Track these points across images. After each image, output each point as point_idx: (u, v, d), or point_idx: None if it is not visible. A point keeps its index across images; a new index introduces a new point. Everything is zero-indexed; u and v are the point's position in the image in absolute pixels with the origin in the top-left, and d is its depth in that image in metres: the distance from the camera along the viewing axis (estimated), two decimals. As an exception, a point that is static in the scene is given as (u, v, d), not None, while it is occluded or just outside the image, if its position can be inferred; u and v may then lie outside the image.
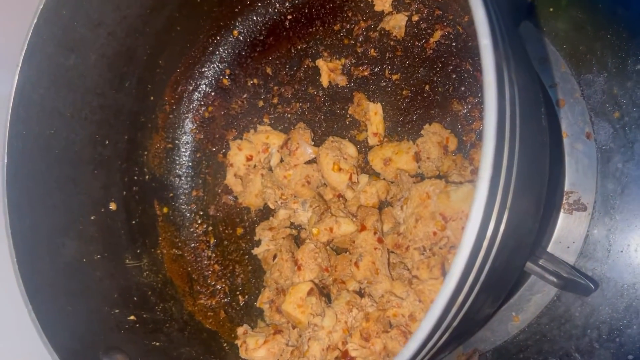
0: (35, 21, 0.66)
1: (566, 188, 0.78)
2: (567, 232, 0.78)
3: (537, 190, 0.54)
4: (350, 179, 0.74)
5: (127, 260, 0.81)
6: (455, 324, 0.45)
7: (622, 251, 0.73)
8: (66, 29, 0.70)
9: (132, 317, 0.75)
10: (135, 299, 0.78)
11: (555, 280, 0.64)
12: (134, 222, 0.84)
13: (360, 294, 0.66)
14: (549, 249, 0.79)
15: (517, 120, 0.45)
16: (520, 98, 0.46)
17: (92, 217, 0.77)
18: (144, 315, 0.77)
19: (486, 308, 0.55)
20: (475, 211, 0.38)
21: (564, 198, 0.78)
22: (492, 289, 0.52)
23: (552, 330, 0.77)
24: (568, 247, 0.77)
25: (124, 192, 0.84)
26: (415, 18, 0.74)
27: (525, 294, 0.79)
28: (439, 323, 0.41)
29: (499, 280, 0.52)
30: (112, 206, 0.81)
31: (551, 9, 0.84)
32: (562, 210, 0.78)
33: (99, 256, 0.76)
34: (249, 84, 0.89)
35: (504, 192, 0.43)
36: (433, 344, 0.43)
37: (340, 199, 0.75)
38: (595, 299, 0.74)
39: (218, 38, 0.89)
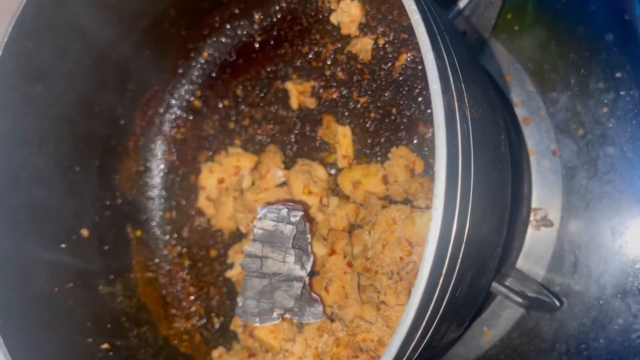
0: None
1: (534, 204, 0.80)
2: (536, 247, 0.79)
3: (498, 217, 0.55)
4: (320, 201, 0.74)
5: (100, 287, 0.81)
6: (416, 355, 0.46)
7: (587, 266, 0.75)
8: (31, 59, 0.70)
9: (105, 345, 0.75)
10: (108, 326, 0.78)
11: (520, 300, 0.65)
12: (106, 247, 0.84)
13: (331, 318, 0.67)
14: (518, 264, 0.81)
15: (471, 154, 0.46)
16: (475, 132, 0.47)
17: (62, 245, 0.77)
18: (118, 343, 0.77)
19: (451, 333, 0.56)
20: (429, 252, 0.38)
21: (532, 214, 0.80)
22: (456, 316, 0.53)
23: (522, 344, 0.78)
24: (536, 262, 0.79)
25: (96, 218, 0.83)
26: (381, 41, 0.74)
27: (496, 309, 0.80)
28: (399, 358, 0.42)
29: (462, 307, 0.53)
30: (84, 232, 0.81)
31: (516, 27, 0.85)
32: (530, 226, 0.80)
33: (71, 284, 0.76)
34: (220, 105, 0.89)
35: (459, 226, 0.44)
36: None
37: (311, 221, 0.75)
38: (563, 313, 0.75)
39: (187, 60, 0.89)
